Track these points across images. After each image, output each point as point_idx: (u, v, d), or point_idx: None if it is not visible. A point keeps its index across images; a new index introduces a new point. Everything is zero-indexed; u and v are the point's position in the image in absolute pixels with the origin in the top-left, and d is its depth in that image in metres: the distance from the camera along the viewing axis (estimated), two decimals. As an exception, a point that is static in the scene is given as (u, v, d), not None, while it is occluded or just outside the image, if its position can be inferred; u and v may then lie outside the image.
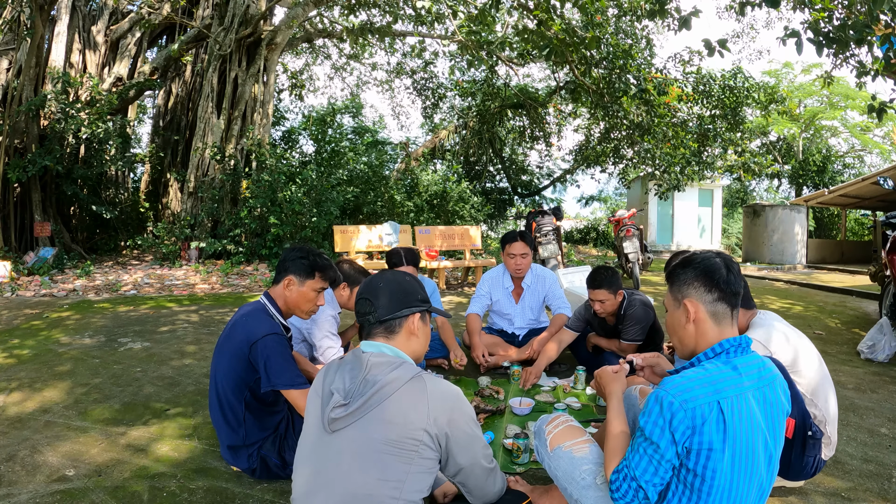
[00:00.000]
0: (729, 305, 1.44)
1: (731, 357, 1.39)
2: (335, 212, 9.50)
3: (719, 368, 1.36)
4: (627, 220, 7.88)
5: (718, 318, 1.44)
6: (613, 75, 9.74)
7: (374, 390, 1.36)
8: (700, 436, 1.29)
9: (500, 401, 2.95)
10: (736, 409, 1.30)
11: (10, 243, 9.26)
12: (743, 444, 1.31)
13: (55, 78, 9.64)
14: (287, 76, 16.80)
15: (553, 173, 22.38)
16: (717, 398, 1.30)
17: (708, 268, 1.46)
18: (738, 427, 1.30)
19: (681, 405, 1.30)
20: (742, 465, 1.31)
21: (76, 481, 2.16)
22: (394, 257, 3.55)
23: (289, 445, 2.14)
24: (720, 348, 1.41)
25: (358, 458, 1.33)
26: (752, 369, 1.38)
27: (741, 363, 1.38)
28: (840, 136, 21.84)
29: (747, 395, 1.33)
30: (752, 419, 1.32)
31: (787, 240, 12.50)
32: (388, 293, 1.53)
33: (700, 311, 1.45)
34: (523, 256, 3.71)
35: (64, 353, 3.99)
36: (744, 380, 1.34)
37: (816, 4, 4.47)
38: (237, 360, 2.07)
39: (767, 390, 1.38)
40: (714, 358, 1.41)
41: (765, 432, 1.35)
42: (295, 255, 2.25)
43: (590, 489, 1.55)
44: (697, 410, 1.29)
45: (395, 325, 1.52)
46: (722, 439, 1.29)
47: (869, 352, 4.12)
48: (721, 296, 1.44)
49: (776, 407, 1.38)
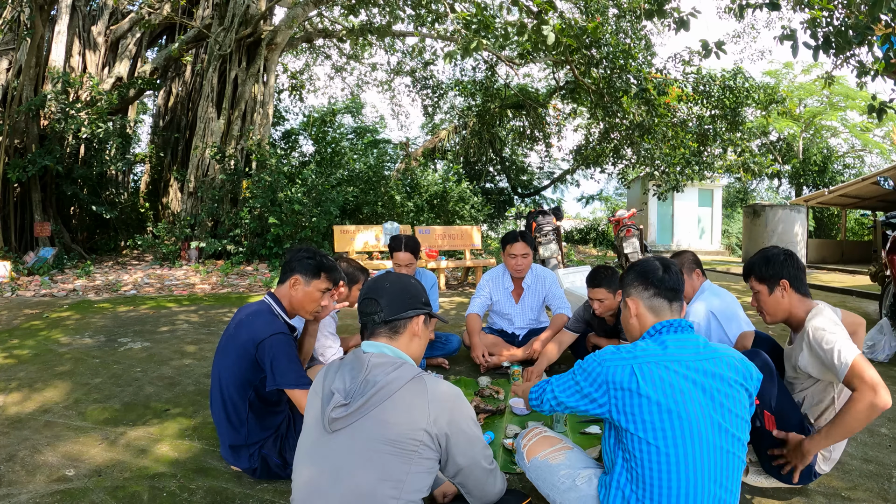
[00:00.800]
0: (665, 299, 1.64)
1: (663, 335, 1.58)
2: (335, 212, 9.50)
3: (647, 343, 1.57)
4: (627, 220, 7.88)
5: (656, 310, 1.65)
6: (613, 75, 9.74)
7: (374, 390, 1.36)
8: (613, 376, 1.49)
9: (500, 401, 2.95)
10: (650, 374, 1.47)
11: (10, 243, 9.26)
12: (661, 404, 1.44)
13: (55, 78, 9.65)
14: (287, 76, 16.81)
15: (553, 173, 22.39)
16: (631, 363, 1.49)
17: (644, 270, 1.69)
18: (651, 387, 1.45)
19: (599, 363, 1.54)
20: (672, 424, 1.43)
21: (76, 481, 2.16)
22: (394, 243, 3.59)
23: (290, 445, 2.15)
24: (654, 330, 1.61)
25: (358, 457, 1.33)
26: (686, 344, 1.54)
27: (671, 340, 1.55)
28: (840, 136, 21.84)
29: (672, 364, 1.49)
30: (675, 383, 1.46)
31: (787, 240, 12.49)
32: (393, 294, 1.54)
33: (640, 306, 1.67)
34: (524, 257, 3.72)
35: (64, 353, 3.99)
36: (669, 352, 1.52)
37: (815, 5, 4.46)
38: (243, 359, 2.08)
39: (706, 363, 1.51)
40: (648, 338, 1.60)
41: (702, 399, 1.46)
42: (301, 256, 2.28)
43: (570, 491, 1.61)
44: (611, 369, 1.51)
45: (400, 326, 1.54)
46: (629, 388, 1.47)
47: (869, 352, 4.12)
48: (656, 292, 1.65)
49: (717, 378, 1.49)
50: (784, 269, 2.01)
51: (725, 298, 2.87)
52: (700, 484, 1.42)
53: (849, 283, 8.84)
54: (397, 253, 3.58)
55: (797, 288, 2.01)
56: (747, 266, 2.14)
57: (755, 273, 2.08)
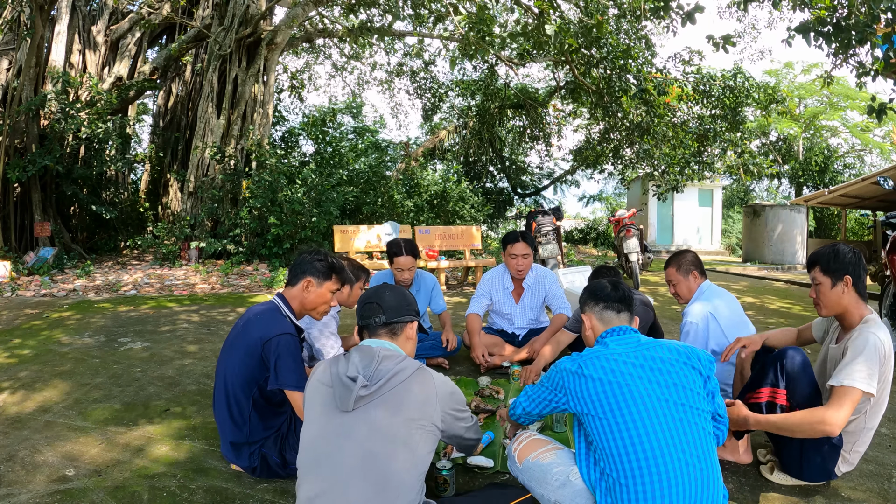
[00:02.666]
0: (613, 311, 1.85)
1: (606, 338, 1.79)
2: (335, 212, 9.49)
3: (593, 348, 1.79)
4: (627, 220, 7.87)
5: (605, 321, 1.86)
6: (613, 75, 9.73)
7: (388, 376, 1.57)
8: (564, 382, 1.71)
9: (500, 401, 2.95)
10: (591, 363, 1.68)
11: (10, 243, 9.26)
12: (604, 381, 1.63)
13: (55, 78, 9.64)
14: (287, 76, 16.81)
15: (553, 173, 22.38)
16: (578, 361, 1.72)
17: (594, 288, 1.92)
18: (592, 370, 1.66)
19: (554, 367, 1.78)
20: (615, 397, 1.60)
21: (76, 481, 2.16)
22: (393, 247, 3.56)
23: (290, 445, 2.15)
24: (600, 338, 1.82)
25: (380, 431, 1.52)
26: (626, 341, 1.75)
27: (612, 340, 1.77)
28: (840, 136, 21.82)
29: (612, 356, 1.68)
30: (615, 367, 1.65)
31: (787, 240, 12.49)
32: (394, 300, 1.79)
33: (592, 319, 1.89)
34: (525, 257, 3.71)
35: (64, 353, 3.99)
36: (609, 348, 1.73)
37: (817, 3, 4.47)
38: (250, 356, 2.10)
39: (646, 351, 1.69)
40: (596, 344, 1.82)
41: (641, 375, 1.63)
42: (313, 258, 2.32)
43: (565, 487, 1.68)
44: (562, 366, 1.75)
45: (398, 328, 1.77)
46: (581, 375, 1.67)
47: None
48: (605, 305, 1.87)
49: (657, 360, 1.66)
50: (850, 266, 2.04)
51: (732, 304, 2.86)
52: (658, 451, 1.52)
53: (849, 283, 8.82)
54: (398, 258, 3.54)
55: (857, 288, 2.05)
56: (814, 256, 2.14)
57: (822, 264, 2.09)
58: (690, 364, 1.67)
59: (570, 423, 2.67)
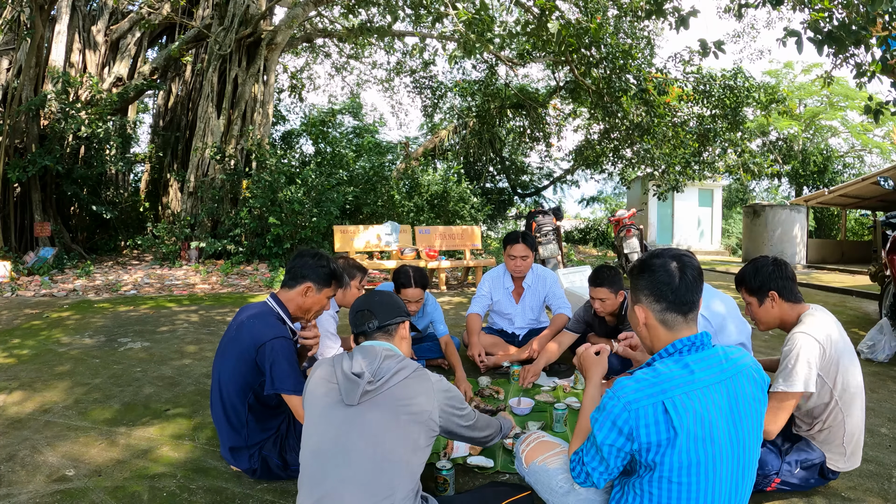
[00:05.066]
0: (678, 313, 1.46)
1: (684, 356, 1.42)
2: (335, 212, 9.50)
3: (669, 368, 1.40)
4: (627, 220, 7.87)
5: (668, 324, 1.47)
6: (613, 75, 9.73)
7: (391, 373, 1.63)
8: (646, 435, 1.34)
9: (500, 401, 2.95)
10: (683, 407, 1.33)
11: (10, 243, 9.26)
12: (696, 439, 1.33)
13: (55, 78, 9.64)
14: (287, 76, 16.81)
15: (553, 173, 22.38)
16: (661, 398, 1.34)
17: (658, 281, 1.48)
18: (687, 423, 1.32)
19: (624, 407, 1.36)
20: (698, 458, 1.33)
21: (76, 481, 2.16)
22: (402, 277, 3.30)
23: (290, 446, 2.14)
24: (672, 349, 1.44)
25: (383, 423, 1.57)
26: (710, 363, 1.41)
27: (694, 360, 1.40)
28: (840, 136, 21.82)
29: (702, 391, 1.36)
30: (706, 413, 1.34)
31: (787, 240, 12.49)
32: (384, 305, 1.84)
33: (650, 317, 1.50)
34: (524, 259, 3.70)
35: (64, 353, 3.99)
36: (696, 376, 1.37)
37: (816, 4, 4.47)
38: (243, 362, 2.06)
39: (732, 382, 1.40)
40: (667, 358, 1.44)
41: (728, 424, 1.36)
42: (314, 263, 2.26)
43: (569, 495, 1.64)
44: (640, 412, 1.34)
45: (392, 329, 1.82)
46: (667, 437, 1.32)
47: (869, 352, 4.13)
48: (668, 307, 1.47)
49: (742, 397, 1.40)
50: (772, 281, 2.08)
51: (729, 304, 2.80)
52: None
53: (849, 283, 8.84)
54: (406, 290, 3.25)
55: (786, 297, 2.08)
56: (738, 277, 2.20)
57: (745, 285, 2.16)
58: (763, 400, 1.45)
59: (570, 423, 2.66)
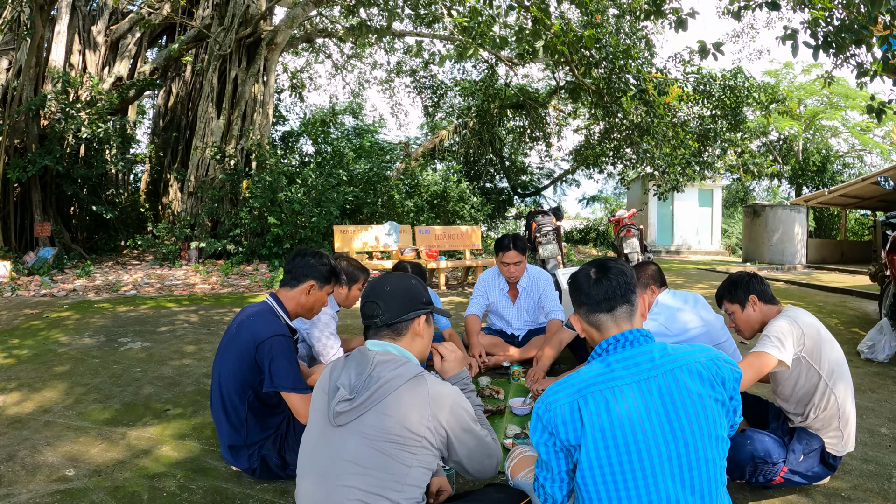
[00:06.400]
0: (600, 312, 1.47)
1: (610, 354, 1.43)
2: (335, 212, 9.50)
3: (591, 368, 1.42)
4: (627, 220, 7.88)
5: (596, 325, 1.49)
6: (613, 75, 9.73)
7: (377, 385, 1.41)
8: (564, 433, 1.35)
9: (500, 401, 2.95)
10: (595, 405, 1.33)
11: (10, 243, 9.26)
12: (613, 437, 1.31)
13: (55, 78, 9.65)
14: (287, 76, 16.81)
15: (553, 173, 22.39)
16: (576, 398, 1.35)
17: (577, 287, 1.53)
18: (597, 421, 1.32)
19: (546, 407, 1.39)
20: (618, 456, 1.30)
21: (76, 481, 2.16)
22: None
23: (289, 445, 2.15)
24: (600, 349, 1.46)
25: (363, 451, 1.38)
26: (636, 361, 1.38)
27: (616, 359, 1.40)
28: (840, 136, 21.83)
29: (620, 389, 1.34)
30: (623, 411, 1.31)
31: (787, 240, 12.49)
32: (394, 297, 1.59)
33: (581, 322, 1.53)
34: (517, 265, 3.67)
35: (64, 353, 3.99)
36: (616, 374, 1.37)
37: (816, 4, 4.47)
38: (243, 360, 2.08)
39: (665, 378, 1.35)
40: (596, 359, 1.46)
41: (660, 422, 1.31)
42: (316, 262, 2.29)
43: None
44: (557, 410, 1.36)
45: (402, 328, 1.58)
46: (581, 434, 1.33)
47: (869, 352, 4.12)
48: (589, 308, 1.49)
49: (680, 394, 1.34)
50: (749, 286, 2.25)
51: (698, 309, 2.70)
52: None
53: (849, 283, 8.84)
54: None
55: (764, 300, 2.25)
56: (718, 293, 2.35)
57: (727, 297, 2.31)
58: (716, 397, 1.36)
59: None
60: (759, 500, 2.07)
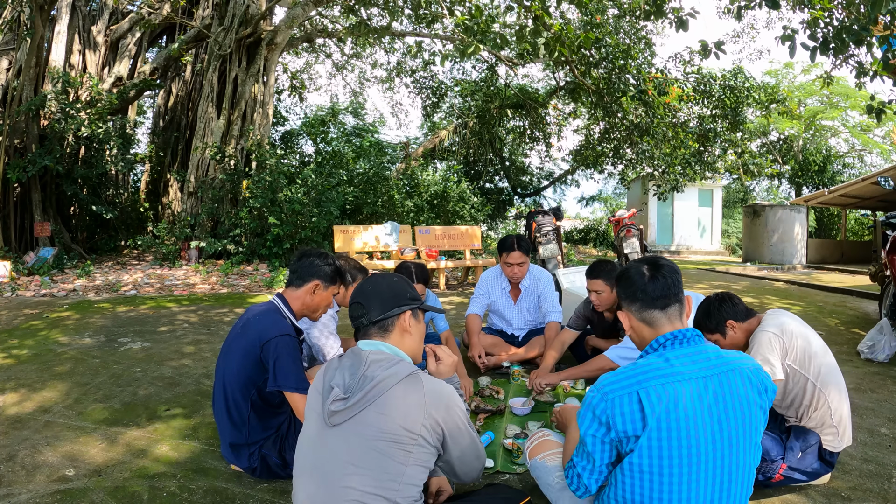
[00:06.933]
0: (656, 308, 1.49)
1: (667, 350, 1.44)
2: (335, 212, 9.50)
3: (648, 361, 1.43)
4: (627, 220, 7.87)
5: (649, 322, 1.51)
6: (613, 75, 9.74)
7: (371, 385, 1.41)
8: (622, 423, 1.35)
9: (500, 401, 2.95)
10: (657, 397, 1.33)
11: (10, 243, 9.26)
12: (670, 430, 1.32)
13: (55, 78, 9.65)
14: (287, 76, 16.81)
15: (553, 174, 22.39)
16: (636, 388, 1.35)
17: (628, 283, 1.55)
18: (659, 413, 1.32)
19: (602, 397, 1.39)
20: (670, 450, 1.32)
21: (76, 481, 2.16)
22: (403, 273, 3.32)
23: (290, 445, 2.15)
24: (656, 343, 1.47)
25: (358, 451, 1.38)
26: (694, 359, 1.40)
27: (675, 354, 1.42)
28: (840, 136, 21.82)
29: (679, 384, 1.35)
30: (681, 406, 1.33)
31: (787, 240, 12.50)
32: (378, 295, 1.60)
33: (632, 319, 1.55)
34: (520, 266, 3.67)
35: (63, 354, 3.99)
36: (675, 369, 1.38)
37: (816, 4, 4.46)
38: (248, 358, 2.09)
39: (720, 379, 1.38)
40: (651, 353, 1.47)
41: (711, 421, 1.34)
42: (321, 262, 2.32)
43: (564, 491, 1.69)
44: (616, 401, 1.37)
45: (389, 324, 1.59)
46: (641, 426, 1.34)
47: (869, 352, 4.12)
48: (643, 304, 1.51)
49: (732, 396, 1.37)
50: (724, 313, 2.22)
51: None
52: None
53: (849, 283, 8.84)
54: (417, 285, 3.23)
55: (742, 319, 2.23)
56: (695, 323, 2.30)
57: (703, 327, 2.26)
58: (761, 405, 1.40)
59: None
60: (758, 500, 2.07)
